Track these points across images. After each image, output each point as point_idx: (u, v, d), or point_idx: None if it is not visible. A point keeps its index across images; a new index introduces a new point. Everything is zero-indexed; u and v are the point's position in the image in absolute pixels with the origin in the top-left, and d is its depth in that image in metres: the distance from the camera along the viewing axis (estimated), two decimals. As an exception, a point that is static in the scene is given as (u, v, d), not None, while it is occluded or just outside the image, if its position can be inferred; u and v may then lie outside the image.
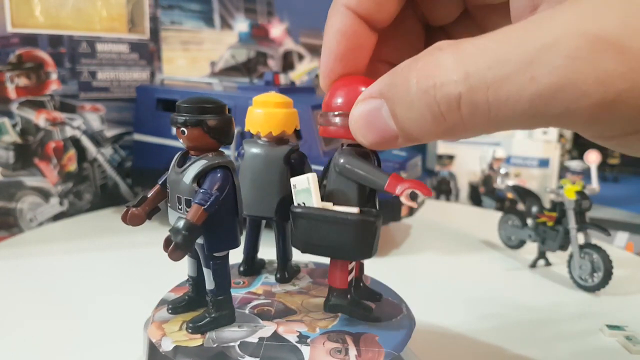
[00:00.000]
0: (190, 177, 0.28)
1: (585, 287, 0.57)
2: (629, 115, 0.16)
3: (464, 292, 0.56)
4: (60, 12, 0.75)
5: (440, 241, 0.75)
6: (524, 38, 0.17)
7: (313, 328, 0.31)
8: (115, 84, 0.83)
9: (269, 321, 0.31)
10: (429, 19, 0.30)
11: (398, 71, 0.21)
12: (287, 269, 0.38)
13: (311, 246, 0.30)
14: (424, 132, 0.20)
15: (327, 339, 0.29)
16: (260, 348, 0.28)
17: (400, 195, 0.26)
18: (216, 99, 0.29)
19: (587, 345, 0.46)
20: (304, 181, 0.29)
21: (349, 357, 0.28)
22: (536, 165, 1.59)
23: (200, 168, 0.28)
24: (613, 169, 2.39)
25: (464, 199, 1.70)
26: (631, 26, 0.15)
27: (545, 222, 0.62)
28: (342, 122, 0.27)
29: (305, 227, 0.29)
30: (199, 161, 0.29)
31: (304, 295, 0.35)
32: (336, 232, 0.29)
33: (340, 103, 0.27)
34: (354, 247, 0.29)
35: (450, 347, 0.44)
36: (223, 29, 1.06)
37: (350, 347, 0.29)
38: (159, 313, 0.32)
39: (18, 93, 0.71)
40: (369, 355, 0.28)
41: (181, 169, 0.29)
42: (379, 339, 0.30)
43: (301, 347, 0.28)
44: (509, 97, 0.17)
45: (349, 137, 0.26)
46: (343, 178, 0.29)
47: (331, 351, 0.28)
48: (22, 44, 0.71)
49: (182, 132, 0.29)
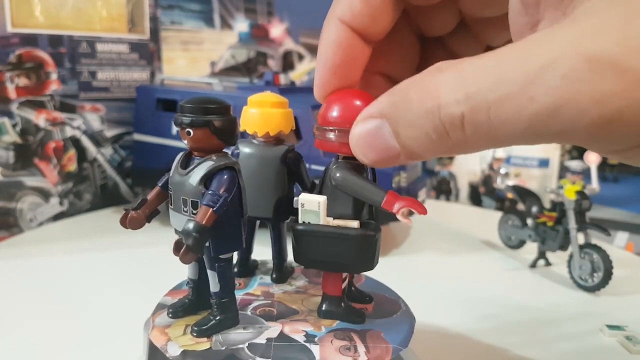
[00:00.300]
0: (197, 179, 0.28)
1: (585, 287, 0.57)
2: (629, 131, 0.16)
3: (464, 292, 0.56)
4: (60, 12, 0.75)
5: (440, 241, 0.75)
6: (523, 58, 0.17)
7: (318, 327, 0.31)
8: (115, 84, 0.83)
9: (272, 322, 0.31)
10: (424, 30, 0.30)
11: (398, 91, 0.21)
12: (283, 269, 0.38)
13: (314, 262, 0.31)
14: (427, 150, 0.20)
15: (334, 337, 0.30)
16: (270, 349, 0.28)
17: (397, 213, 0.27)
18: (221, 99, 0.29)
19: (587, 345, 0.46)
20: (314, 204, 0.29)
21: (359, 354, 0.28)
22: (536, 165, 1.59)
23: (207, 169, 0.28)
24: (613, 169, 2.39)
25: (464, 199, 1.70)
26: (629, 46, 0.15)
27: (545, 222, 0.62)
28: (336, 138, 0.28)
29: (308, 244, 0.30)
30: (205, 162, 0.28)
31: (302, 294, 0.35)
32: (339, 248, 0.29)
33: (335, 117, 0.27)
34: (356, 260, 0.30)
35: (450, 347, 0.44)
36: (223, 29, 1.06)
37: (358, 344, 0.29)
38: (159, 318, 0.32)
39: (18, 93, 0.71)
40: (378, 352, 0.28)
41: (186, 171, 0.29)
42: (384, 335, 0.30)
43: (310, 346, 0.28)
44: (508, 117, 0.17)
45: (343, 152, 0.28)
46: (339, 191, 0.30)
47: (340, 349, 0.28)
48: (22, 44, 0.71)
49: (187, 133, 0.28)
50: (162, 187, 0.31)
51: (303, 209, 0.30)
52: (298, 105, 0.65)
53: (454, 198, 1.69)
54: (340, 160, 0.30)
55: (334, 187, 0.30)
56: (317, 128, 0.29)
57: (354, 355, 0.28)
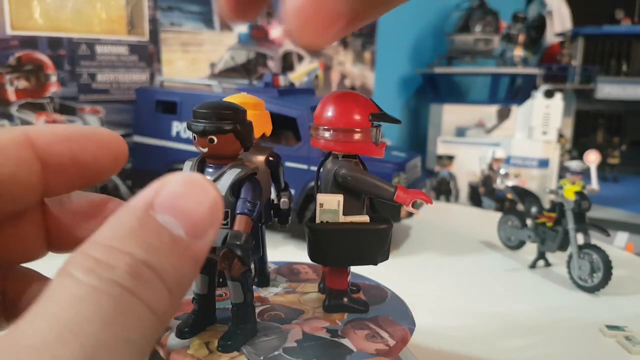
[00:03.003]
0: (226, 187, 0.27)
1: (585, 287, 0.57)
2: None
3: (464, 293, 0.56)
4: (60, 14, 0.75)
5: (440, 242, 0.75)
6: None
7: (333, 321, 0.31)
8: (114, 86, 0.83)
9: (287, 325, 0.31)
10: None
11: None
12: (265, 272, 0.38)
13: (335, 259, 0.31)
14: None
15: (353, 328, 0.30)
16: (306, 350, 0.28)
17: (408, 205, 0.29)
18: (235, 104, 0.28)
19: (587, 345, 0.46)
20: (334, 203, 0.30)
21: (386, 340, 0.29)
22: (536, 166, 1.59)
23: (236, 177, 0.27)
24: (613, 169, 2.39)
25: (464, 200, 1.70)
26: None
27: (545, 223, 0.62)
28: (330, 136, 0.30)
29: (330, 242, 0.31)
30: (232, 170, 0.28)
31: (293, 294, 0.36)
32: (361, 242, 0.31)
33: (330, 117, 0.29)
34: (377, 252, 0.31)
35: (449, 348, 0.44)
36: (222, 30, 1.07)
37: (379, 330, 0.30)
38: (170, 341, 0.30)
39: (18, 95, 0.71)
40: (400, 334, 0.30)
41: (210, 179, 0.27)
42: (393, 317, 0.32)
43: (340, 340, 0.29)
44: None
45: (337, 150, 0.30)
46: (343, 188, 0.30)
47: (366, 337, 0.29)
48: (21, 47, 0.71)
49: (210, 140, 0.27)
50: None
51: (322, 209, 0.30)
52: (297, 106, 0.65)
53: (453, 199, 1.69)
54: (341, 158, 0.31)
55: (338, 185, 0.30)
56: (312, 127, 0.30)
57: (383, 341, 0.29)
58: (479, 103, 2.26)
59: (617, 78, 2.57)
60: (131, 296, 0.14)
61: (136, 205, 0.16)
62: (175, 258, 0.15)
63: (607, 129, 2.59)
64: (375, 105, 0.30)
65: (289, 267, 0.40)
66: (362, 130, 0.30)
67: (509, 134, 1.83)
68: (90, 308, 0.13)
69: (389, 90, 2.34)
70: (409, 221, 0.82)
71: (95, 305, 0.13)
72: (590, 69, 2.57)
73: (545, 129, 1.61)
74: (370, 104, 0.30)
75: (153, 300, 0.14)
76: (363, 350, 0.28)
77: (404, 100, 2.48)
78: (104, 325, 0.13)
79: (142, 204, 0.16)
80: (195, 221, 0.16)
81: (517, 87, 2.25)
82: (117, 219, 0.16)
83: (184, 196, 0.16)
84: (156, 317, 0.14)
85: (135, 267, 0.14)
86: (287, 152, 0.66)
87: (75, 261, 0.14)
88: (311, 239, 0.31)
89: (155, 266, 0.15)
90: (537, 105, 1.60)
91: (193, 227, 0.16)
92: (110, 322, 0.13)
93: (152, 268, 0.15)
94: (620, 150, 2.40)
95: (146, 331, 0.14)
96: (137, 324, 0.14)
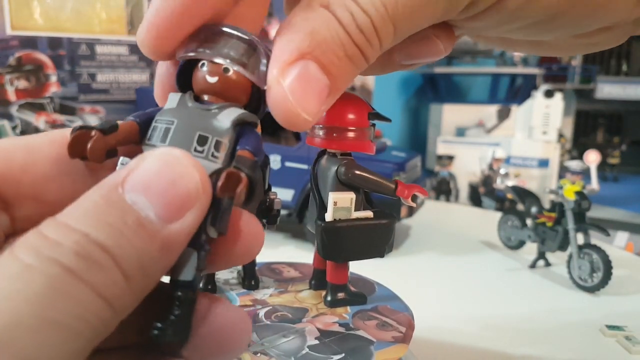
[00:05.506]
0: (231, 120, 0.20)
1: (585, 287, 0.57)
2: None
3: (464, 292, 0.56)
4: (60, 14, 0.75)
5: (440, 241, 0.75)
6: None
7: (340, 315, 0.32)
8: (114, 86, 0.83)
9: (300, 324, 0.31)
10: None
11: (306, 19, 0.18)
12: (255, 274, 0.37)
13: (347, 255, 0.32)
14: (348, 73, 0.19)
15: (361, 319, 0.31)
16: (330, 345, 0.28)
17: (407, 198, 0.31)
18: None
19: (587, 345, 0.46)
20: (347, 201, 0.31)
21: (396, 327, 0.30)
22: (536, 166, 1.59)
23: (240, 114, 0.21)
24: (613, 168, 2.39)
25: (464, 200, 1.70)
26: None
27: (545, 223, 0.62)
28: (324, 135, 0.30)
29: (343, 239, 0.32)
30: (235, 108, 0.21)
31: (287, 293, 0.36)
32: (372, 237, 0.32)
33: (324, 116, 0.30)
34: (385, 245, 0.32)
35: (449, 348, 0.44)
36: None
37: (385, 319, 0.31)
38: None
39: (18, 95, 0.71)
40: (404, 320, 0.31)
41: (206, 107, 0.21)
42: (391, 306, 0.33)
43: (355, 332, 0.29)
44: (404, 12, 0.18)
45: (332, 147, 0.31)
46: (347, 186, 0.31)
47: (377, 327, 0.30)
48: (21, 47, 0.71)
49: (225, 70, 0.21)
50: (141, 123, 0.21)
51: (336, 207, 0.31)
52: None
53: (453, 198, 1.69)
54: (339, 157, 0.32)
55: (340, 183, 0.31)
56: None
57: (395, 329, 0.30)
58: (479, 103, 2.27)
59: (617, 78, 2.57)
60: (71, 277, 0.13)
61: (106, 183, 0.15)
62: (139, 241, 0.14)
63: (607, 128, 2.59)
64: (369, 104, 0.31)
65: (268, 267, 0.40)
66: (361, 128, 0.30)
67: (509, 134, 1.84)
68: (17, 286, 0.12)
69: (389, 90, 2.34)
70: (409, 221, 0.81)
71: (22, 283, 0.12)
72: (590, 69, 2.57)
73: (545, 129, 1.61)
74: (365, 103, 0.31)
75: (102, 284, 0.13)
76: (381, 339, 0.29)
77: (404, 100, 2.48)
78: (27, 303, 0.12)
79: (111, 181, 0.15)
80: (169, 202, 0.14)
81: (517, 87, 2.25)
82: (85, 197, 0.14)
83: (159, 174, 0.15)
84: (106, 303, 0.13)
85: (86, 247, 0.13)
86: (287, 152, 0.66)
87: (24, 239, 0.13)
88: (325, 237, 0.31)
89: (111, 249, 0.13)
90: (537, 105, 1.60)
91: (166, 209, 0.14)
92: (35, 302, 0.12)
93: (107, 250, 0.13)
94: (620, 150, 2.41)
95: (88, 316, 0.13)
96: (73, 307, 0.13)
